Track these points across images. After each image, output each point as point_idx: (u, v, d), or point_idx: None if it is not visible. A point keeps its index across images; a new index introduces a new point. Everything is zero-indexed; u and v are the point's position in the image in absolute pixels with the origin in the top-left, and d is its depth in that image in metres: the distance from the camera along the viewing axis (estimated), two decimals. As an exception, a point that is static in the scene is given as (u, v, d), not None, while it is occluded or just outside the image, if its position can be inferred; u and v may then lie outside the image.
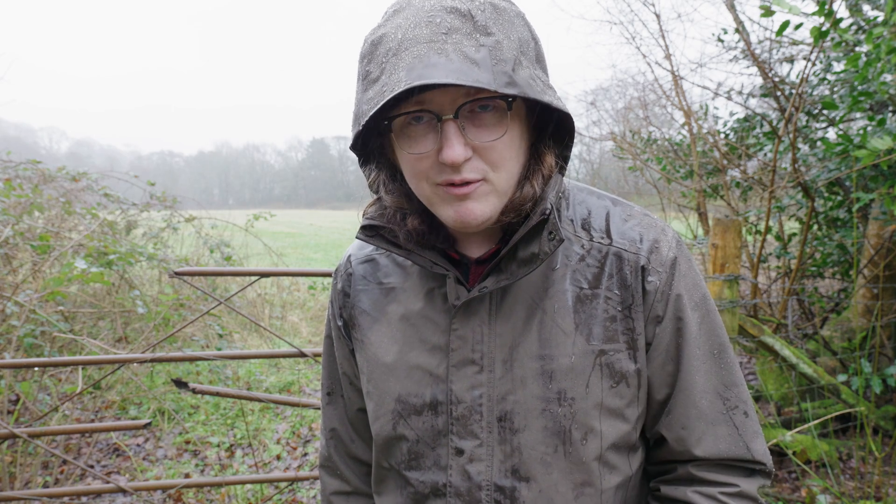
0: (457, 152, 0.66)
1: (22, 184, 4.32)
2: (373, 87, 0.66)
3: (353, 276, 0.91)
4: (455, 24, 0.64)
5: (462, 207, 0.71)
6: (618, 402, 0.77)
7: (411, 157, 0.71)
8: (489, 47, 0.64)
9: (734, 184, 4.72)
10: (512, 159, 0.71)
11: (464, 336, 0.79)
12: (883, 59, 2.75)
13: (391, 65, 0.64)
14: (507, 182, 0.72)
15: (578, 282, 0.78)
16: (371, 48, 0.68)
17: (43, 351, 3.70)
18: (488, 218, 0.72)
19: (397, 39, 0.65)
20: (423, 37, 0.64)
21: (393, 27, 0.67)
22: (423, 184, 0.72)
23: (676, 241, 0.81)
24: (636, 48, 6.48)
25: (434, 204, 0.74)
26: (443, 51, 0.62)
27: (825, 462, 2.86)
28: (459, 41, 0.63)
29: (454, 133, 0.67)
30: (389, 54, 0.65)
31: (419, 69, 0.61)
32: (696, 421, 0.79)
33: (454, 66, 0.61)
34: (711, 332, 0.80)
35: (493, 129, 0.68)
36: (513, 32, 0.67)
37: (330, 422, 1.00)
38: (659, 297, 0.77)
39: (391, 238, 0.79)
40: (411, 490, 0.83)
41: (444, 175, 0.69)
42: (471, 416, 0.78)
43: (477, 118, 0.68)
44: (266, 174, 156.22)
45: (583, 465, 0.77)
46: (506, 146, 0.70)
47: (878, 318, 3.38)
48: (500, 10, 0.68)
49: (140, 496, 2.64)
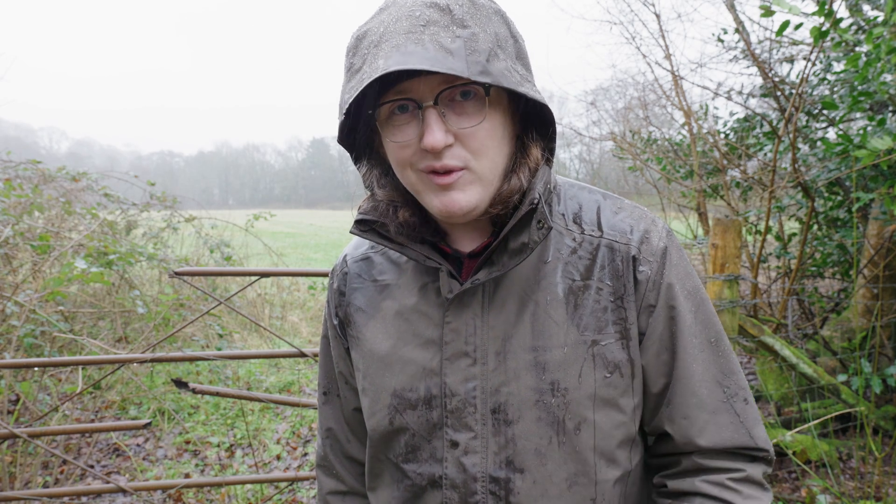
0: (436, 137, 0.68)
1: (22, 184, 4.33)
2: (355, 77, 0.70)
3: (349, 275, 0.93)
4: (433, 17, 0.67)
5: (446, 197, 0.73)
6: (611, 392, 0.78)
7: (395, 145, 0.73)
8: (464, 38, 0.67)
9: (734, 184, 4.72)
10: (494, 148, 0.73)
11: (457, 329, 0.79)
12: (883, 59, 2.75)
13: (372, 55, 0.68)
14: (491, 171, 0.74)
15: (570, 274, 0.79)
16: (356, 42, 0.72)
17: (43, 351, 3.70)
18: (474, 207, 0.74)
19: (379, 33, 0.69)
20: (402, 28, 0.67)
21: (377, 23, 0.70)
22: (407, 172, 0.74)
23: (667, 232, 0.82)
24: (636, 48, 6.48)
25: (420, 192, 0.75)
26: (419, 41, 0.66)
27: (825, 462, 2.86)
28: (436, 32, 0.66)
29: (434, 119, 0.69)
30: (371, 46, 0.69)
31: (396, 56, 0.65)
32: (697, 410, 0.79)
33: (429, 54, 0.64)
34: (706, 321, 0.81)
35: (472, 115, 0.71)
36: (489, 27, 0.70)
37: (326, 421, 1.01)
38: (651, 287, 0.78)
39: (384, 233, 0.81)
40: (408, 482, 0.84)
41: (426, 161, 0.71)
42: (465, 409, 0.79)
43: (458, 106, 0.71)
44: (266, 174, 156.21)
45: (577, 455, 0.77)
46: (487, 134, 0.72)
47: (878, 318, 3.38)
48: (478, 6, 0.71)
49: (140, 496, 2.64)
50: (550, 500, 0.78)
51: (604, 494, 0.79)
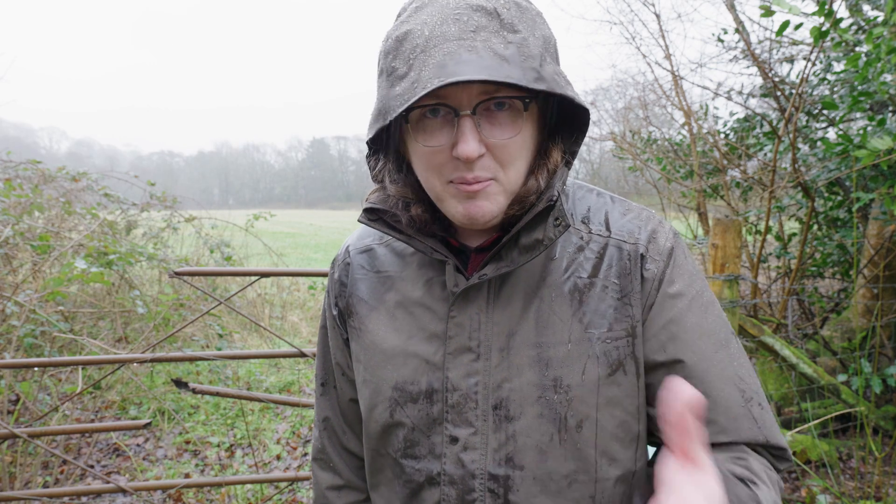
0: (471, 147, 0.67)
1: (22, 184, 4.33)
2: (400, 83, 0.66)
3: (351, 266, 0.92)
4: (482, 21, 0.65)
5: (472, 205, 0.72)
6: (615, 390, 0.77)
7: (426, 150, 0.71)
8: (517, 44, 0.65)
9: (734, 184, 4.72)
10: (522, 158, 0.73)
11: (461, 324, 0.79)
12: (883, 59, 2.75)
13: (420, 61, 0.65)
14: (516, 181, 0.74)
15: (577, 271, 0.79)
16: (396, 44, 0.68)
17: (43, 351, 3.70)
18: (496, 216, 0.74)
19: (424, 36, 0.66)
20: (451, 34, 0.64)
21: (419, 23, 0.67)
22: (434, 178, 0.73)
23: (674, 233, 0.82)
24: (636, 48, 6.49)
25: (443, 200, 0.74)
26: (473, 48, 0.63)
27: (825, 462, 2.86)
28: (488, 38, 0.64)
29: (470, 128, 0.68)
30: (417, 50, 0.66)
31: (451, 66, 0.62)
32: (711, 413, 0.76)
33: (485, 62, 0.62)
34: (715, 322, 0.80)
35: (507, 127, 0.70)
36: (536, 30, 0.68)
37: (323, 411, 1.00)
38: (657, 285, 0.78)
39: (393, 223, 0.80)
40: (406, 479, 0.83)
41: (458, 172, 0.70)
42: (466, 404, 0.78)
43: (493, 116, 0.69)
44: (266, 174, 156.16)
45: (578, 452, 0.76)
46: (518, 146, 0.71)
47: (878, 318, 3.38)
48: (524, 8, 0.69)
49: (140, 496, 2.64)
50: (549, 497, 0.77)
51: (604, 493, 0.78)
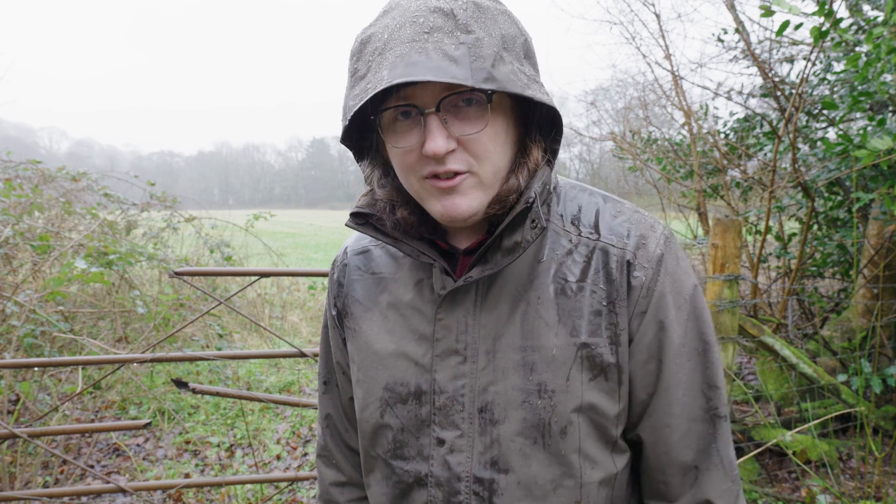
0: (438, 144, 0.69)
1: (22, 184, 4.33)
2: (359, 84, 0.69)
3: (349, 267, 0.93)
4: (438, 22, 0.67)
5: (448, 202, 0.73)
6: (598, 396, 0.77)
7: (398, 151, 0.73)
8: (468, 45, 0.66)
9: (734, 184, 4.72)
10: (497, 152, 0.73)
11: (448, 326, 0.80)
12: (883, 59, 2.75)
13: (376, 63, 0.68)
14: (494, 175, 0.74)
15: (564, 275, 0.78)
16: (360, 46, 0.72)
17: (43, 351, 3.70)
18: (475, 212, 0.74)
19: (383, 39, 0.68)
20: (406, 36, 0.67)
21: (381, 27, 0.70)
22: (411, 178, 0.75)
23: (665, 238, 0.80)
24: (636, 48, 6.47)
25: (423, 198, 0.76)
26: (423, 49, 0.65)
27: (825, 462, 2.86)
28: (440, 39, 0.66)
29: (436, 126, 0.69)
30: (375, 53, 0.69)
31: (401, 67, 0.64)
32: (679, 419, 0.79)
33: (433, 63, 0.64)
34: (698, 329, 0.80)
35: (475, 121, 0.71)
36: (495, 29, 0.69)
37: (325, 409, 1.02)
38: (644, 294, 0.77)
39: (380, 227, 0.81)
40: (396, 479, 0.84)
41: (429, 167, 0.72)
42: (453, 407, 0.79)
43: (460, 112, 0.71)
44: (266, 174, 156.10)
45: (562, 457, 0.77)
46: (489, 139, 0.72)
47: (878, 318, 3.38)
48: (483, 8, 0.70)
49: (140, 496, 2.64)
50: (534, 502, 0.77)
51: (589, 497, 0.78)
